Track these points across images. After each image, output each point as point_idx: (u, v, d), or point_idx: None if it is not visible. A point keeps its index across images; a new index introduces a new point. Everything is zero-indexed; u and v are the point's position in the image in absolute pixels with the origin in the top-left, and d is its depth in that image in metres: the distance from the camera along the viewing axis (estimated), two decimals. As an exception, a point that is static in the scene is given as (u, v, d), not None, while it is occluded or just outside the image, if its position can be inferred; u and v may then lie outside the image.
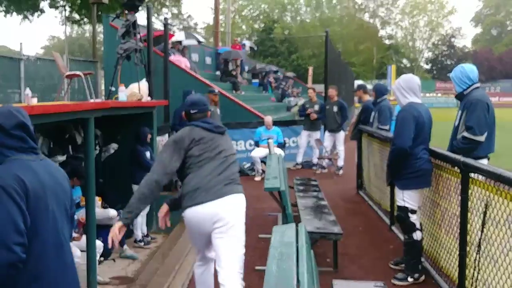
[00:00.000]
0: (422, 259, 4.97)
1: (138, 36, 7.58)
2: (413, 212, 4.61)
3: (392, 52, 62.67)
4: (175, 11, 44.44)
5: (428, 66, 68.36)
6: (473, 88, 4.78)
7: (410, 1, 67.47)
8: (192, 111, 3.91)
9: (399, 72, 57.35)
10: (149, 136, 6.72)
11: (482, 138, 4.58)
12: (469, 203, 3.95)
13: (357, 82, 43.89)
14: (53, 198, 2.31)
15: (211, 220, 3.57)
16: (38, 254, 2.21)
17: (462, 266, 4.04)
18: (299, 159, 11.92)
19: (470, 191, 3.95)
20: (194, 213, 3.63)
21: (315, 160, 11.63)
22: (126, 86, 7.29)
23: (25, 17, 26.44)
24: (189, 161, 3.70)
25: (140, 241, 6.76)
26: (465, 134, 4.61)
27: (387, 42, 66.15)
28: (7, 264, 2.07)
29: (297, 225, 3.09)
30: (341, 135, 11.29)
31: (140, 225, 6.77)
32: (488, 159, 4.79)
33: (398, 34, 69.67)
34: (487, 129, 4.61)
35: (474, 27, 75.87)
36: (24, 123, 2.32)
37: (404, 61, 67.09)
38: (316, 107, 11.55)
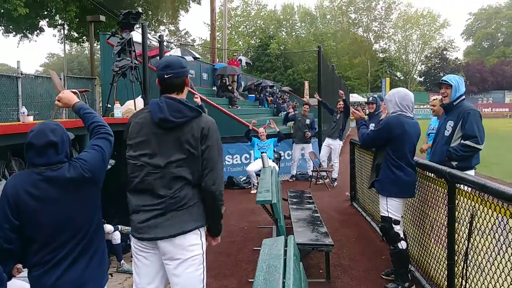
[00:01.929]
0: (412, 269, 5.06)
1: (134, 54, 7.72)
2: (397, 222, 4.70)
3: (386, 65, 63.07)
4: (172, 28, 44.64)
5: (421, 79, 68.78)
6: (462, 99, 4.98)
7: (402, 15, 68.24)
8: (166, 76, 3.02)
9: (394, 85, 57.83)
10: None
11: (482, 147, 4.81)
12: (456, 213, 4.06)
13: (352, 96, 44.19)
14: (53, 209, 2.62)
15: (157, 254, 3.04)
16: (34, 253, 2.64)
17: (451, 275, 4.13)
18: (294, 171, 12.08)
19: (457, 202, 4.06)
20: (137, 245, 3.05)
21: (310, 173, 11.74)
22: (123, 103, 7.41)
23: (25, 36, 26.67)
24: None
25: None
26: (468, 142, 4.77)
27: (381, 55, 66.60)
28: (1, 246, 2.57)
29: (286, 238, 3.16)
30: (338, 146, 11.39)
31: (137, 240, 6.81)
32: (475, 169, 4.95)
33: (392, 48, 70.41)
34: (484, 138, 4.82)
35: (465, 40, 76.74)
36: (53, 141, 2.64)
37: (398, 74, 67.53)
38: (308, 121, 11.76)
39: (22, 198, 2.59)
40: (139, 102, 7.61)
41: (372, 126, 8.18)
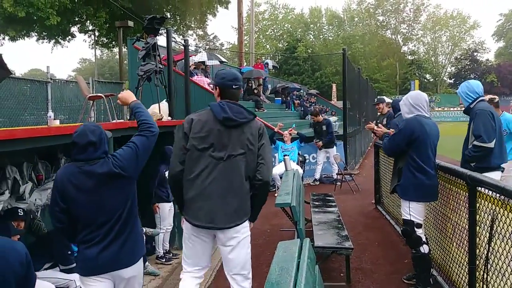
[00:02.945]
0: (435, 273, 4.99)
1: (158, 58, 7.83)
2: (419, 226, 4.65)
3: (415, 68, 62.12)
4: (200, 32, 44.97)
5: (451, 81, 67.42)
6: (478, 101, 4.97)
7: (431, 17, 67.08)
8: (235, 86, 3.60)
9: (423, 87, 56.84)
10: None
11: (491, 145, 4.76)
12: (477, 216, 4.00)
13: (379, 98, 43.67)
14: (91, 195, 3.20)
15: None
16: (79, 231, 3.26)
17: (472, 280, 4.07)
18: (317, 175, 12.03)
19: (478, 205, 4.00)
20: (192, 229, 3.57)
21: (335, 176, 11.67)
22: (148, 107, 7.51)
23: (57, 42, 27.33)
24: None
25: (161, 257, 6.89)
26: (475, 142, 4.79)
27: (409, 57, 65.63)
28: (55, 225, 3.34)
29: (301, 240, 3.17)
30: None
31: (162, 242, 6.91)
32: (502, 170, 4.91)
33: (421, 50, 69.18)
34: (495, 135, 4.78)
35: (496, 41, 74.74)
36: (93, 141, 3.21)
37: (427, 76, 66.43)
38: (324, 127, 11.78)
39: (66, 185, 3.19)
40: (164, 105, 7.71)
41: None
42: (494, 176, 4.62)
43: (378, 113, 9.94)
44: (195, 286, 3.69)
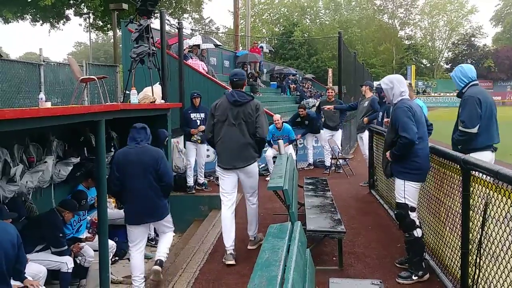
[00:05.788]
0: (428, 258, 4.98)
1: (151, 40, 7.73)
2: (413, 209, 4.62)
3: (411, 53, 61.78)
4: (196, 16, 44.53)
5: (448, 66, 67.15)
6: (470, 86, 5.04)
7: (429, 1, 66.54)
8: (235, 79, 5.57)
9: (419, 72, 56.46)
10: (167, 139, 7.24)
11: (474, 130, 4.90)
12: (471, 200, 3.97)
13: (377, 83, 43.53)
14: (134, 166, 5.11)
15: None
16: (125, 189, 5.19)
17: (465, 264, 4.04)
18: (310, 159, 11.94)
19: (471, 189, 3.96)
20: (221, 171, 5.62)
21: (328, 160, 11.59)
22: (142, 89, 7.44)
23: (52, 25, 27.03)
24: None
25: (152, 240, 6.89)
26: (459, 127, 5.00)
27: (406, 42, 65.26)
28: (112, 191, 5.29)
29: (293, 224, 3.14)
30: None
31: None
32: (494, 150, 5.07)
33: (418, 35, 68.70)
34: (479, 121, 4.88)
35: (494, 26, 74.20)
36: (143, 127, 5.35)
37: (424, 61, 66.16)
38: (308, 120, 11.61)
39: (121, 160, 5.16)
40: (157, 88, 7.64)
41: (380, 114, 8.25)
42: (483, 155, 4.75)
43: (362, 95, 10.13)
44: (230, 202, 5.66)
